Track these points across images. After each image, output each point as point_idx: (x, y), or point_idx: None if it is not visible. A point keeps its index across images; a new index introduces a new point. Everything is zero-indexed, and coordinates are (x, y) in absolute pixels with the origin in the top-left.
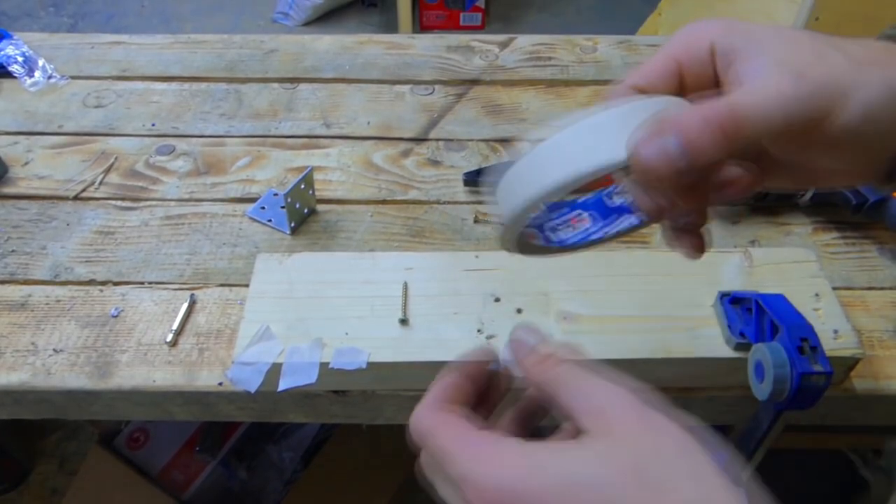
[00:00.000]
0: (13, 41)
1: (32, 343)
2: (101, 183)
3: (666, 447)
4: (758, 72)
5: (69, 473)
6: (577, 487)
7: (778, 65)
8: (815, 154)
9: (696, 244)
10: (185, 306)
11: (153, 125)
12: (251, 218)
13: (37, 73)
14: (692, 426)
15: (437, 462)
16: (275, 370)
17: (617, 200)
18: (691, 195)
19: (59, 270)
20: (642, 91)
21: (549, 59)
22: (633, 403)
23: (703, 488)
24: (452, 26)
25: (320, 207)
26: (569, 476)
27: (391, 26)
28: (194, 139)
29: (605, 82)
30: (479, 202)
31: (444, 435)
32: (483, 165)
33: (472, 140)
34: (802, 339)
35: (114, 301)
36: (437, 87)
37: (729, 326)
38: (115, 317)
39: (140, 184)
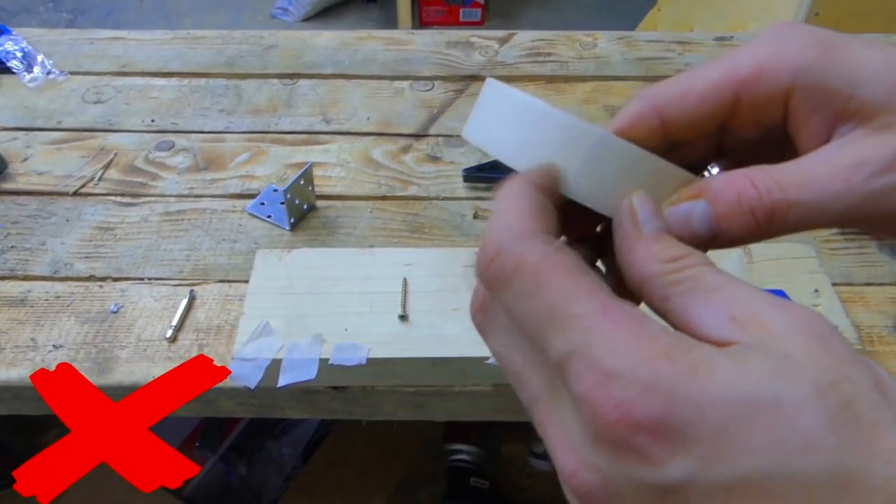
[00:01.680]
0: (12, 37)
1: (32, 339)
2: (100, 179)
3: (862, 376)
4: (818, 133)
5: None
6: (757, 406)
7: (865, 141)
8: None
9: None
10: (184, 302)
11: (152, 121)
12: (251, 214)
13: (36, 69)
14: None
15: (528, 316)
16: (274, 366)
17: None
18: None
19: (58, 266)
20: (668, 117)
21: (549, 54)
22: (809, 324)
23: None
24: (452, 22)
25: (320, 203)
26: (749, 389)
27: (390, 22)
28: (194, 135)
29: (605, 78)
30: (479, 198)
31: (556, 284)
32: (482, 162)
33: None
34: None
35: (113, 297)
36: (436, 82)
37: None
38: (115, 313)
39: (139, 180)
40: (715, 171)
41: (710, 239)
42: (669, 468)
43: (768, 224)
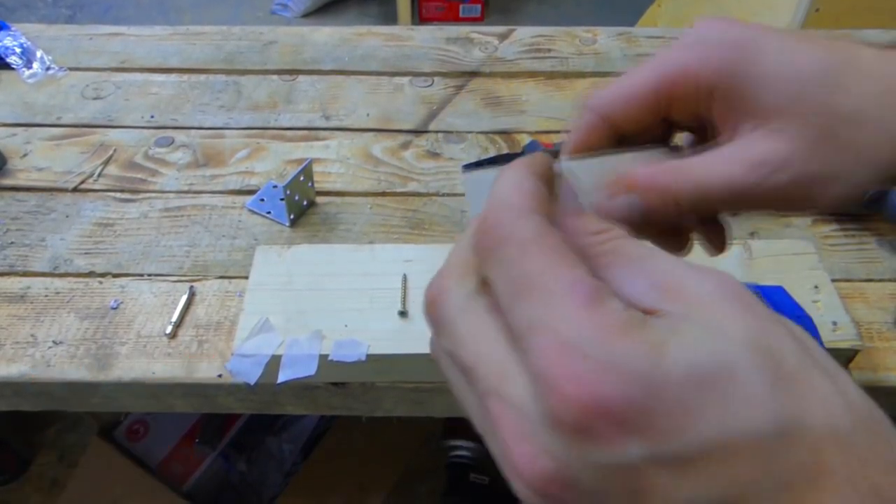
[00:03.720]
0: (11, 32)
1: (32, 335)
2: (99, 175)
3: (783, 333)
4: (731, 127)
5: (69, 465)
6: (705, 379)
7: (756, 140)
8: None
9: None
10: (184, 298)
11: (152, 117)
12: (250, 210)
13: (35, 65)
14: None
15: (505, 285)
16: (274, 362)
17: None
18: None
19: (58, 262)
20: (616, 120)
21: (549, 51)
22: (728, 289)
23: (839, 385)
24: (452, 18)
25: (319, 199)
26: (696, 363)
27: (390, 18)
28: (193, 131)
29: (605, 74)
30: None
31: (537, 258)
32: (482, 157)
33: (471, 132)
34: None
35: (113, 293)
36: (436, 79)
37: None
38: (115, 309)
39: (139, 176)
40: (681, 138)
41: (642, 220)
42: (629, 449)
43: (675, 203)
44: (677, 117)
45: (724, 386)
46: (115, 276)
